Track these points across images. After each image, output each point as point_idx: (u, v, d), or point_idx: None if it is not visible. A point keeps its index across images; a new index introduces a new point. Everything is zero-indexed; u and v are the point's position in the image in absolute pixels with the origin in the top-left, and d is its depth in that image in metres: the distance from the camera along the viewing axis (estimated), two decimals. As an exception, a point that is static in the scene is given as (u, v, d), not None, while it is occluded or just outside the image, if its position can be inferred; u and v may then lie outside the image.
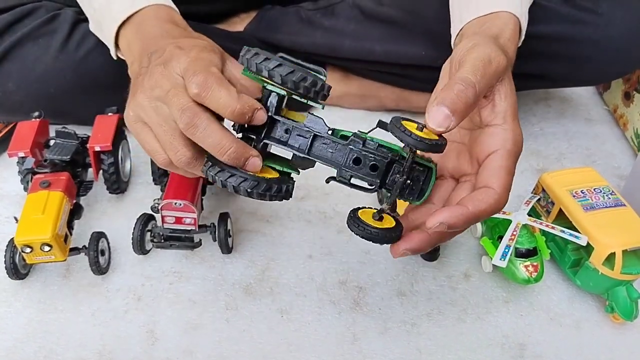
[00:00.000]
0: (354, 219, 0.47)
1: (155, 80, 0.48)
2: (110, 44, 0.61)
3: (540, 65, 0.80)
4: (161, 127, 0.48)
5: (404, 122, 0.43)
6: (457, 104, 0.41)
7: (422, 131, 0.42)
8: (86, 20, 0.68)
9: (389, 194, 0.48)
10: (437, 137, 0.43)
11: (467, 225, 0.45)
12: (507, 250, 0.62)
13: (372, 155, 0.47)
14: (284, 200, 0.48)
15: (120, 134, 0.74)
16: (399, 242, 0.47)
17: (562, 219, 0.66)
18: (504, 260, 0.61)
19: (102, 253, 0.66)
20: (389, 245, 0.48)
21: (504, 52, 0.46)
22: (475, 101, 0.43)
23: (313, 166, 0.49)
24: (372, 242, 0.47)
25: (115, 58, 0.63)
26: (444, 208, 0.45)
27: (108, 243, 0.68)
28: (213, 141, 0.45)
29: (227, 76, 0.49)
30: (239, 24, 0.91)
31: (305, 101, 0.47)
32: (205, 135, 0.45)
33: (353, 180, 0.48)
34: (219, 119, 0.47)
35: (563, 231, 0.63)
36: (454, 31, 0.59)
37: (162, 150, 0.49)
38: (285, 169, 0.50)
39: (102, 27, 0.62)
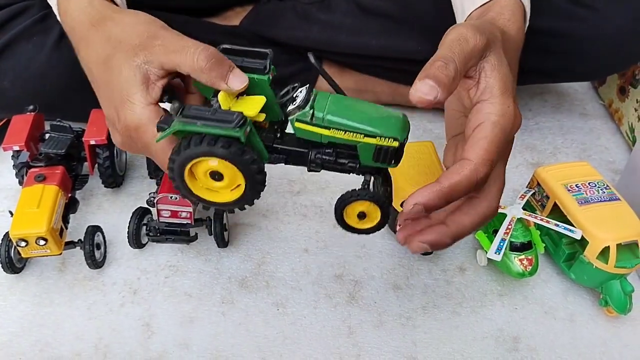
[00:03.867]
0: (340, 221, 0.51)
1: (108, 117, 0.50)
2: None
3: (537, 59, 0.80)
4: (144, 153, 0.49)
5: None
6: (439, 77, 0.41)
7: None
8: None
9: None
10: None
11: (445, 202, 0.42)
12: (501, 244, 0.62)
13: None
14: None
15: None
16: (414, 235, 0.46)
17: (557, 212, 0.67)
18: (498, 254, 0.62)
19: (98, 247, 0.66)
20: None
21: (482, 32, 0.45)
22: (457, 75, 0.42)
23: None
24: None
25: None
26: (418, 189, 0.43)
27: (104, 237, 0.68)
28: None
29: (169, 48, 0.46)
30: (234, 18, 0.91)
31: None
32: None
33: None
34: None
35: (558, 225, 0.64)
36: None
37: None
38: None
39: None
